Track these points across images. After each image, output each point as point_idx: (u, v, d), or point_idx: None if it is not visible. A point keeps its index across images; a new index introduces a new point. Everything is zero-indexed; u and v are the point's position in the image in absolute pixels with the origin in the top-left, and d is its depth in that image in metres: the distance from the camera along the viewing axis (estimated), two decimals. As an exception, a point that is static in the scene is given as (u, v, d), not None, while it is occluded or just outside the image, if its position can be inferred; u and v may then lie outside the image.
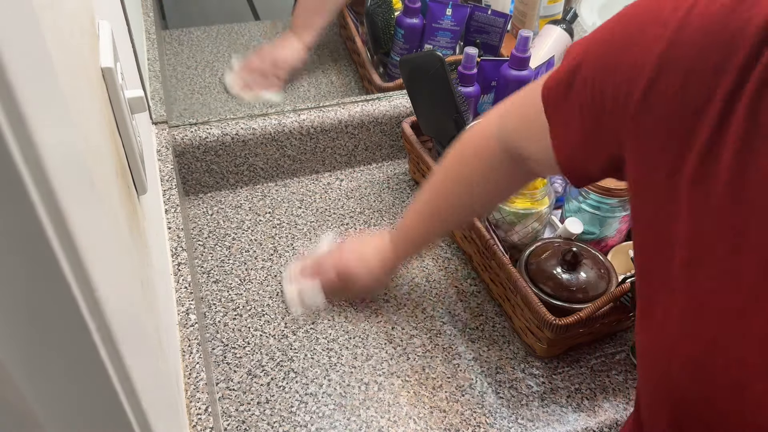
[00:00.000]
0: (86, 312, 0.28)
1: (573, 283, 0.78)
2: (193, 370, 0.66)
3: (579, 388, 0.79)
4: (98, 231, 0.31)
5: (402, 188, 1.08)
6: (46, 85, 0.27)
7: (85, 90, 0.39)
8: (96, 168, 0.38)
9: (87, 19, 0.47)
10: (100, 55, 0.48)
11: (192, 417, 0.62)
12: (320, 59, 1.28)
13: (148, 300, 0.49)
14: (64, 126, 0.29)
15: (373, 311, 0.87)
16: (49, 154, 0.24)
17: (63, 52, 0.34)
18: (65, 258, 0.26)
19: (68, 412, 0.30)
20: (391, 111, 1.09)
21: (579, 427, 0.75)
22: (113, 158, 0.46)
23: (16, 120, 0.22)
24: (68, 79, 0.34)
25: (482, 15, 1.13)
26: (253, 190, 1.06)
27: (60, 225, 0.25)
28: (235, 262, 0.93)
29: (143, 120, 0.82)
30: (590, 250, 0.83)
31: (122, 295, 0.35)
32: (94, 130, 0.40)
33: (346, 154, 1.10)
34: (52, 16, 0.33)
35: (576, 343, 0.82)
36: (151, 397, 0.37)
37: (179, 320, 0.70)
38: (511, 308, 0.84)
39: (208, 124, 1.01)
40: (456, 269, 0.94)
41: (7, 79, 0.22)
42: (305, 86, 1.21)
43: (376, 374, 0.79)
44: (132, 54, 0.81)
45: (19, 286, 0.25)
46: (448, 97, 0.89)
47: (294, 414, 0.75)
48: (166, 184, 0.87)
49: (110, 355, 0.30)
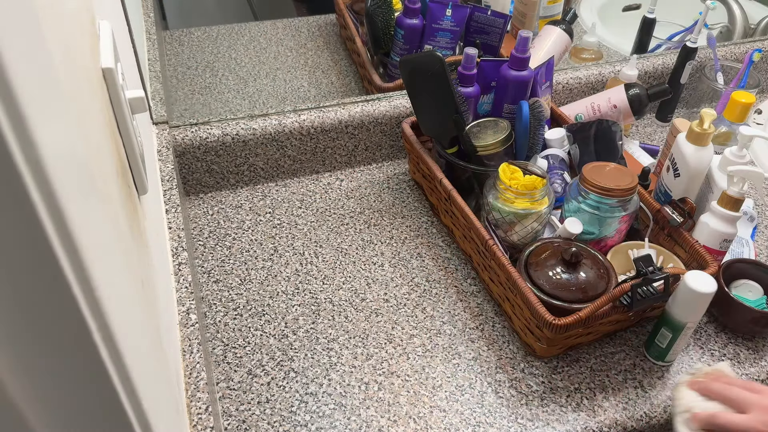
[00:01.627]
0: (86, 312, 0.28)
1: (572, 283, 0.78)
2: (193, 369, 0.66)
3: (579, 388, 0.79)
4: (98, 231, 0.31)
5: (402, 188, 1.08)
6: (46, 85, 0.27)
7: (85, 90, 0.39)
8: (96, 168, 0.38)
9: (87, 19, 0.47)
10: (100, 55, 0.48)
11: (192, 416, 0.62)
12: (320, 59, 1.28)
13: (149, 300, 0.49)
14: (64, 126, 0.29)
15: (372, 311, 0.87)
16: (49, 154, 0.24)
17: (63, 52, 0.34)
18: (65, 258, 0.26)
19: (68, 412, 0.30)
20: (391, 111, 1.09)
21: (579, 427, 0.75)
22: (113, 158, 0.46)
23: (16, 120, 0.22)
24: (68, 79, 0.34)
25: (482, 15, 1.13)
26: (254, 190, 1.06)
27: (60, 225, 0.25)
28: (236, 262, 0.93)
29: (144, 120, 0.82)
30: (590, 250, 0.83)
31: (122, 295, 0.35)
32: (94, 130, 0.40)
33: (346, 154, 1.10)
34: (52, 16, 0.33)
35: (576, 343, 0.82)
36: (152, 397, 0.37)
37: (180, 320, 0.70)
38: (510, 308, 0.84)
39: (209, 124, 1.01)
40: (456, 269, 0.94)
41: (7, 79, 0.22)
42: (305, 86, 1.21)
43: (376, 374, 0.79)
44: (132, 54, 0.81)
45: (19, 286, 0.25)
46: (447, 97, 0.89)
47: (294, 413, 0.75)
48: (167, 184, 0.87)
49: (110, 355, 0.30)
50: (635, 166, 1.10)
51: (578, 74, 1.21)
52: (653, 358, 0.82)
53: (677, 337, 0.78)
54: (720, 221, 0.86)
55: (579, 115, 1.12)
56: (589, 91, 1.22)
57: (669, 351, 0.80)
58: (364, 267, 0.93)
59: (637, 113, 1.08)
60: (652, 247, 0.88)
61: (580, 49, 1.28)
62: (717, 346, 0.85)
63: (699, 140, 0.91)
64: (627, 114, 1.08)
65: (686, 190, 0.94)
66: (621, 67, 1.22)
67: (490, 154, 0.94)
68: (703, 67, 1.26)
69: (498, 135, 0.95)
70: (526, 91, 1.00)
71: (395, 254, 0.96)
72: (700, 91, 1.26)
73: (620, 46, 1.35)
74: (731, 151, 0.93)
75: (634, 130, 1.25)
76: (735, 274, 0.89)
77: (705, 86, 1.24)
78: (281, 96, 1.18)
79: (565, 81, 1.20)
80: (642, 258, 0.76)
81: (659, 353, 0.81)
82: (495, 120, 0.98)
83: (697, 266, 0.84)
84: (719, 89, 1.22)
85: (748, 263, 0.89)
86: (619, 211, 0.85)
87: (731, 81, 1.23)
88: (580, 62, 1.27)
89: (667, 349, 0.80)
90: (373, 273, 0.92)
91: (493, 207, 0.86)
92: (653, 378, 0.80)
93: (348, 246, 0.97)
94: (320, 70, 1.26)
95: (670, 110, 1.25)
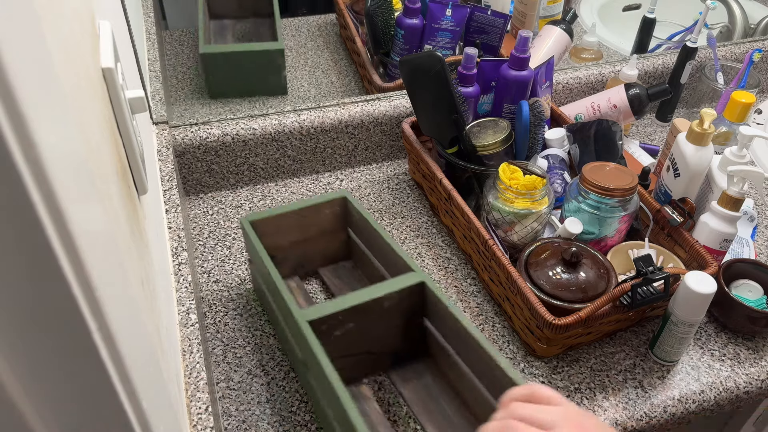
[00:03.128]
0: (86, 312, 0.28)
1: (572, 283, 0.78)
2: (193, 369, 0.66)
3: (579, 388, 0.79)
4: (98, 231, 0.31)
5: (402, 188, 1.08)
6: (46, 85, 0.27)
7: (85, 90, 0.39)
8: (96, 168, 0.38)
9: (87, 19, 0.47)
10: (100, 55, 0.48)
11: (192, 416, 0.62)
12: (320, 59, 1.28)
13: (149, 300, 0.49)
14: (64, 126, 0.29)
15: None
16: (49, 154, 0.24)
17: (63, 52, 0.34)
18: (65, 258, 0.26)
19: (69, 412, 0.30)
20: (391, 111, 1.09)
21: (579, 427, 0.75)
22: (113, 158, 0.46)
23: (16, 120, 0.22)
24: (68, 79, 0.34)
25: (482, 15, 1.13)
26: (254, 190, 1.06)
27: (60, 225, 0.25)
28: (236, 262, 0.93)
29: (143, 120, 0.82)
30: (590, 250, 0.83)
31: (122, 295, 0.35)
32: (94, 130, 0.40)
33: (346, 154, 1.10)
34: (52, 16, 0.33)
35: (576, 343, 0.82)
36: (151, 397, 0.37)
37: (180, 320, 0.70)
38: (510, 308, 0.84)
39: (209, 124, 1.01)
40: (456, 269, 0.94)
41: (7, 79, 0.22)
42: (305, 86, 1.21)
43: (376, 374, 0.79)
44: (132, 54, 0.81)
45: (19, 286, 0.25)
46: (448, 97, 0.89)
47: (294, 414, 0.75)
48: (167, 184, 0.87)
49: (110, 355, 0.30)
50: (635, 166, 1.10)
51: (578, 74, 1.21)
52: (658, 358, 0.82)
53: (679, 337, 0.78)
54: (720, 221, 0.86)
55: (579, 115, 1.12)
56: (589, 91, 1.22)
57: (672, 350, 0.80)
58: (364, 267, 0.93)
59: (637, 113, 1.08)
60: (652, 247, 0.88)
61: (580, 48, 1.28)
62: (717, 346, 0.85)
63: (699, 140, 0.91)
64: (627, 114, 1.08)
65: (686, 190, 0.94)
66: (621, 67, 1.22)
67: (490, 154, 0.94)
68: (703, 67, 1.26)
69: (498, 135, 0.95)
70: (526, 91, 1.00)
71: (395, 254, 0.96)
72: (700, 91, 1.26)
73: (620, 46, 1.35)
74: (731, 151, 0.93)
75: (634, 130, 1.25)
76: (735, 274, 0.89)
77: (705, 86, 1.24)
78: (281, 96, 1.18)
79: (565, 81, 1.20)
80: (642, 258, 0.76)
81: (664, 353, 0.81)
82: (495, 120, 0.98)
83: (697, 266, 0.84)
84: (719, 89, 1.22)
85: (748, 263, 0.89)
86: (619, 211, 0.85)
87: (731, 81, 1.23)
88: (580, 62, 1.27)
89: (670, 348, 0.80)
90: (373, 273, 0.92)
91: (493, 207, 0.86)
92: (653, 378, 0.80)
93: (348, 246, 0.97)
94: (320, 70, 1.26)
95: (670, 110, 1.25)
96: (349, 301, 0.67)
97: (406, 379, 0.74)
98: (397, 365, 0.75)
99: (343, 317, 0.66)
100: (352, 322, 0.67)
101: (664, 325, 0.79)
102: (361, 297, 0.67)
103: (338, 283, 0.87)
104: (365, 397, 0.73)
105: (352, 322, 0.67)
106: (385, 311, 0.69)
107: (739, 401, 0.81)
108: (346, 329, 0.66)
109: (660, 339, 0.80)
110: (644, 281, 0.74)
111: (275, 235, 0.82)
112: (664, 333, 0.79)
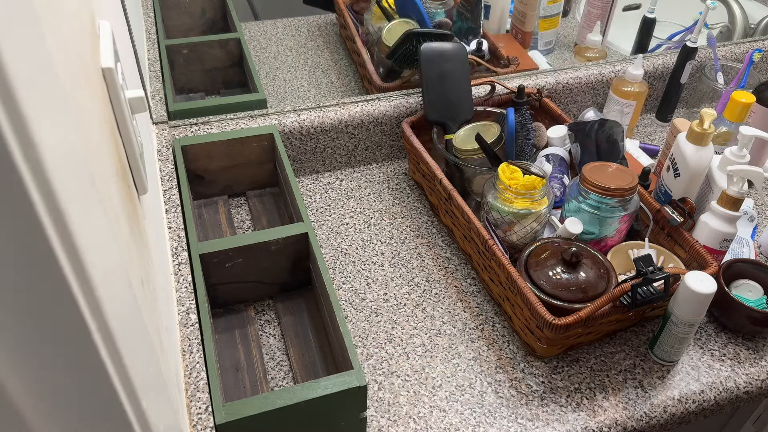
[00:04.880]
0: (86, 312, 0.28)
1: (572, 283, 0.78)
2: (193, 369, 0.66)
3: (579, 388, 0.79)
4: (98, 231, 0.31)
5: (402, 188, 1.08)
6: (46, 85, 0.27)
7: (85, 90, 0.39)
8: (96, 168, 0.38)
9: (87, 19, 0.47)
10: (100, 55, 0.48)
11: (192, 416, 0.62)
12: (320, 59, 1.28)
13: (148, 300, 0.49)
14: (64, 126, 0.29)
15: (372, 311, 0.87)
16: (49, 154, 0.24)
17: (63, 52, 0.34)
18: (65, 258, 0.26)
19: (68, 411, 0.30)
20: (391, 111, 1.09)
21: (579, 427, 0.75)
22: (113, 158, 0.46)
23: (16, 120, 0.22)
24: (68, 79, 0.34)
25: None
26: (253, 190, 1.06)
27: (60, 225, 0.25)
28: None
29: (143, 120, 0.82)
30: (590, 250, 0.83)
31: (122, 295, 0.35)
32: (94, 130, 0.40)
33: (346, 154, 1.10)
34: (52, 15, 0.33)
35: (576, 343, 0.82)
36: (151, 397, 0.37)
37: (180, 320, 0.70)
38: (510, 308, 0.84)
39: (209, 124, 1.01)
40: (456, 269, 0.94)
41: (7, 79, 0.22)
42: (305, 86, 1.21)
43: (376, 374, 0.79)
44: (132, 54, 0.81)
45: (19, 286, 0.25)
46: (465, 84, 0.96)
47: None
48: (167, 184, 0.87)
49: (110, 355, 0.30)
50: (635, 166, 1.10)
51: (578, 74, 1.21)
52: (658, 358, 0.82)
53: (679, 337, 0.78)
54: (720, 221, 0.86)
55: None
56: (590, 91, 1.22)
57: (672, 351, 0.80)
58: (363, 267, 0.93)
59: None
60: (652, 247, 0.88)
61: (584, 48, 1.28)
62: (717, 346, 0.85)
63: (699, 140, 0.91)
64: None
65: (686, 190, 0.94)
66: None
67: (477, 158, 0.95)
68: (703, 66, 1.26)
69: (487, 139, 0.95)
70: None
71: (395, 254, 0.96)
72: (700, 91, 1.26)
73: (620, 46, 1.35)
74: (731, 150, 0.93)
75: (634, 130, 1.25)
76: (735, 274, 0.89)
77: (705, 86, 1.24)
78: (281, 96, 1.18)
79: (566, 81, 1.20)
80: (642, 258, 0.76)
81: (664, 353, 0.81)
82: (489, 124, 0.98)
83: (697, 266, 0.84)
84: (719, 89, 1.22)
85: (748, 263, 0.89)
86: (619, 211, 0.85)
87: (731, 81, 1.23)
88: (584, 61, 1.27)
89: (670, 348, 0.80)
90: (373, 273, 0.92)
91: (492, 207, 0.86)
92: (653, 378, 0.80)
93: (348, 246, 0.97)
94: (320, 69, 1.26)
95: (670, 110, 1.25)
96: (239, 241, 0.82)
97: (287, 306, 0.88)
98: (285, 294, 0.89)
99: (233, 253, 0.82)
100: (241, 258, 0.82)
101: (664, 325, 0.79)
102: (250, 239, 0.82)
103: (261, 209, 1.02)
104: (249, 318, 0.86)
105: (241, 258, 0.82)
106: (272, 253, 0.84)
107: (739, 401, 0.81)
108: (235, 263, 0.82)
109: (660, 339, 0.80)
110: (644, 281, 0.74)
111: (205, 160, 0.99)
112: (664, 333, 0.79)
